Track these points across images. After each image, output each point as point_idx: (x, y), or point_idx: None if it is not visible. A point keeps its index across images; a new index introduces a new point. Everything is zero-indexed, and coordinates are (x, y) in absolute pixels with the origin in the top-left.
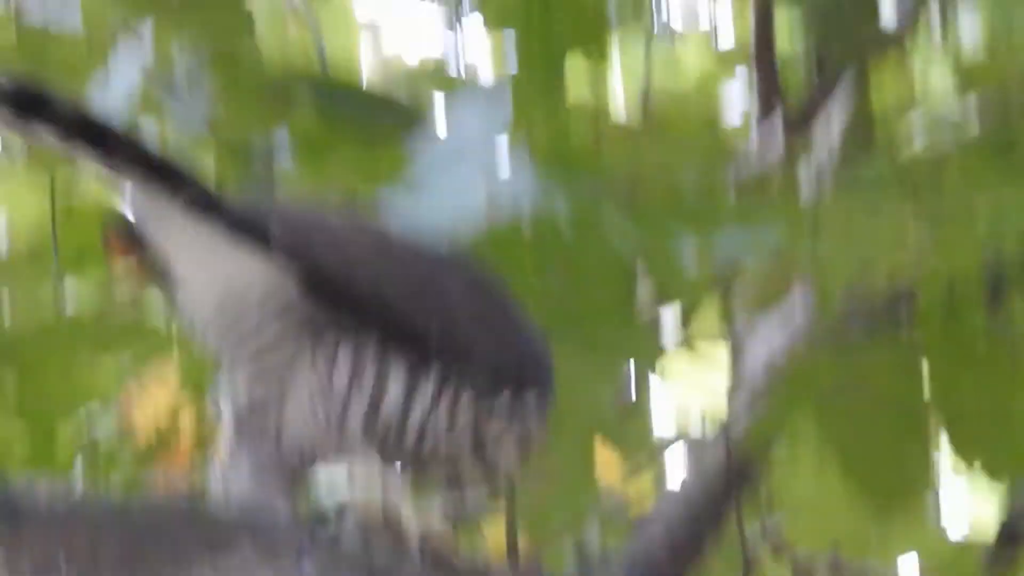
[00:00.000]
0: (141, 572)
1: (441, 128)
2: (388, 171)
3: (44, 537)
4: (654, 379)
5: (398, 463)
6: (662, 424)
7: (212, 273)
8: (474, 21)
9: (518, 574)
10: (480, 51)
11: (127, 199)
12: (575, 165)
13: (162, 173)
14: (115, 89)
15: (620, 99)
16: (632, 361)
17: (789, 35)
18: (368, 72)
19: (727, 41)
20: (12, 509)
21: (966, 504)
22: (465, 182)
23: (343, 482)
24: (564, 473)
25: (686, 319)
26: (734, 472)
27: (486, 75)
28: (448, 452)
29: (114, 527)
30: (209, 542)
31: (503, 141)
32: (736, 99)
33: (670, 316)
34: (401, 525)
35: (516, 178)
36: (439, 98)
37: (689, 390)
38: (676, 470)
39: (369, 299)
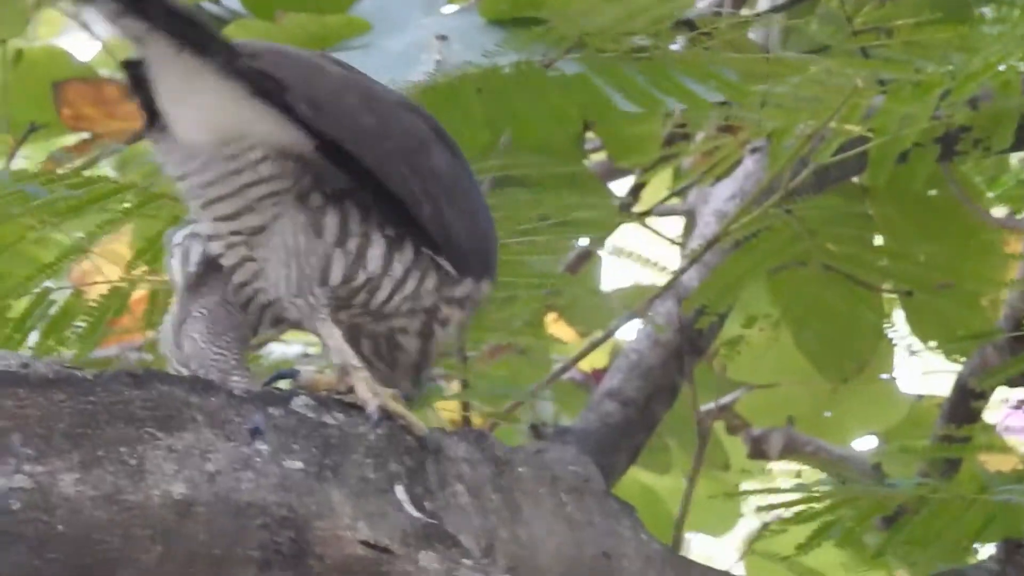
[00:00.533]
0: (93, 447)
1: None
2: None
3: None
4: (606, 251)
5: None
6: (615, 298)
7: (219, 124)
8: None
9: (470, 441)
10: None
11: (144, 45)
12: (520, 13)
13: (190, 25)
14: None
15: None
16: (584, 232)
17: None
18: None
19: None
20: None
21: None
22: (412, 32)
23: (295, 358)
24: (516, 348)
25: (637, 189)
26: (687, 346)
27: None
28: (401, 325)
29: (67, 401)
30: (162, 421)
31: None
32: None
33: (622, 186)
34: (357, 399)
35: (462, 29)
36: None
37: (641, 263)
38: (630, 345)
39: (375, 171)
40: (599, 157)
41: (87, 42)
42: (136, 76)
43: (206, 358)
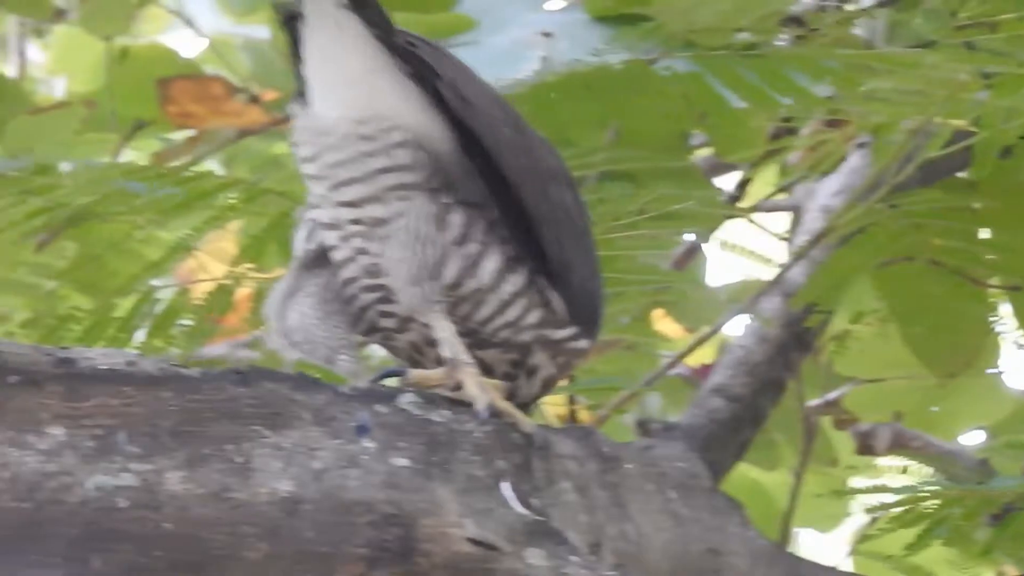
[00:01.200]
0: (200, 445)
1: None
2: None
3: (103, 406)
4: (713, 247)
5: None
6: (722, 293)
7: (361, 98)
8: None
9: (577, 438)
10: None
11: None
12: (626, 9)
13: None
14: None
15: None
16: (689, 226)
17: None
18: None
19: None
20: (72, 376)
21: None
22: (517, 29)
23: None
24: (623, 344)
25: (744, 184)
26: (794, 342)
27: None
28: (490, 359)
29: (173, 398)
30: (269, 418)
31: None
32: None
33: (728, 182)
34: (464, 396)
35: (567, 26)
36: None
37: (748, 258)
38: (737, 340)
39: (512, 180)
40: (705, 153)
41: (192, 39)
42: (294, 35)
43: (314, 334)
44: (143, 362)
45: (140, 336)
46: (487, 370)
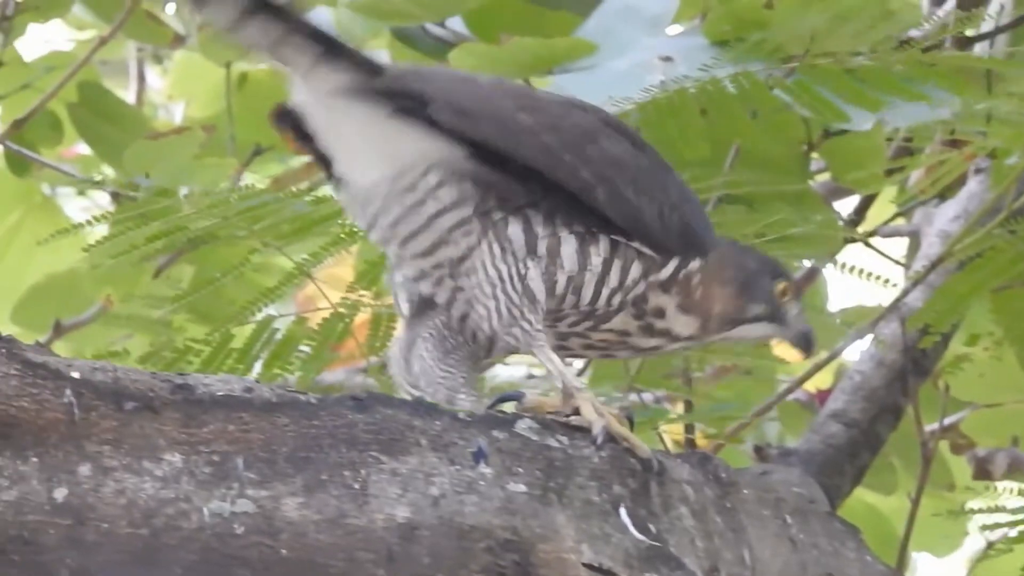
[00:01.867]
0: (317, 471)
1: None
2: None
3: (220, 433)
4: (831, 270)
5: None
6: (840, 318)
7: (381, 155)
8: None
9: (694, 463)
10: None
11: (298, 84)
12: (744, 25)
13: (333, 50)
14: None
15: None
16: (807, 250)
17: None
18: None
19: None
20: (189, 402)
21: None
22: (637, 53)
23: (520, 380)
24: (741, 369)
25: (863, 208)
26: (912, 367)
27: None
28: (620, 326)
29: (290, 424)
30: (386, 444)
31: (673, 4)
32: None
33: (847, 206)
34: (582, 421)
35: (686, 50)
36: None
37: (866, 282)
38: (855, 366)
39: (535, 164)
40: (824, 177)
41: None
42: (300, 129)
43: (434, 377)
44: (260, 388)
45: (259, 367)
46: (623, 333)
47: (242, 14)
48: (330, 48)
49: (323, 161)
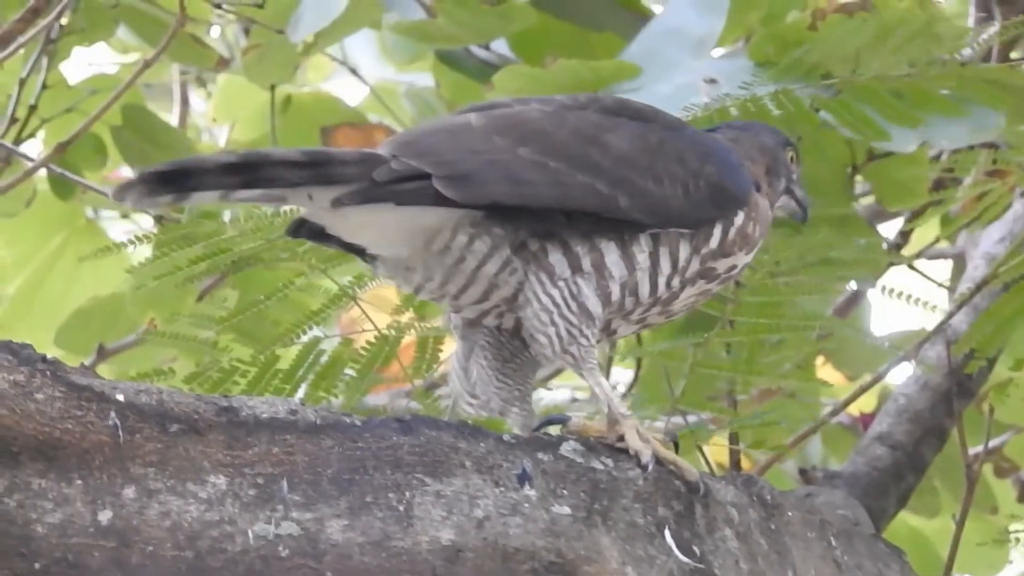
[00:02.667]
0: (362, 493)
1: (657, 13)
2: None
3: (264, 455)
4: (876, 294)
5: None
6: (884, 341)
7: (405, 235)
8: None
9: (739, 486)
10: None
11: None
12: (788, 46)
13: (317, 175)
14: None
15: None
16: (851, 272)
17: None
18: None
19: None
20: (234, 424)
21: None
22: (681, 75)
23: (565, 404)
24: (784, 391)
25: (907, 232)
26: (956, 390)
27: None
28: (687, 303)
29: (335, 446)
30: (430, 466)
31: (718, 26)
32: None
33: (891, 229)
34: (627, 446)
35: (731, 73)
36: None
37: (911, 305)
38: (899, 388)
39: (550, 203)
40: (868, 200)
41: (355, 87)
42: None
43: (490, 386)
44: (305, 410)
45: (304, 388)
46: (703, 294)
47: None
48: (314, 173)
49: (353, 250)
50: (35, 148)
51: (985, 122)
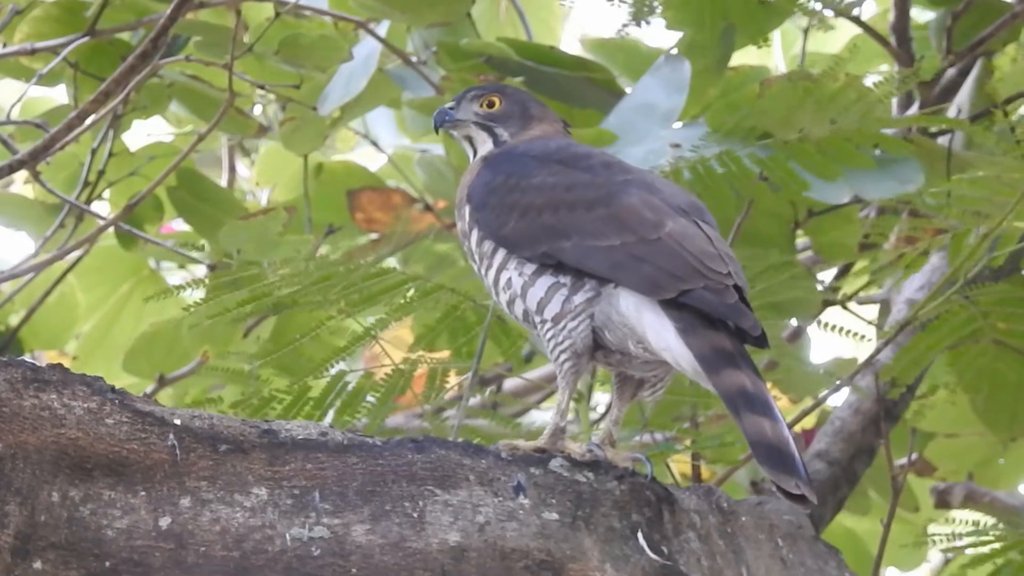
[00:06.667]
0: (382, 502)
1: (630, 91)
2: (586, 128)
3: (300, 470)
4: (814, 330)
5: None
6: (823, 370)
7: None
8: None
9: (700, 495)
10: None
11: None
12: (743, 123)
13: None
14: (355, 72)
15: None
16: (794, 312)
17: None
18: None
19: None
20: (274, 444)
21: None
22: (651, 142)
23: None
24: None
25: (841, 276)
26: (884, 413)
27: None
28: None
29: (359, 463)
30: (440, 480)
31: (680, 101)
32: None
33: (826, 276)
34: (605, 458)
35: (691, 138)
36: (627, 66)
37: (843, 341)
38: (836, 412)
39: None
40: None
41: (375, 155)
42: None
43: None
44: (334, 433)
45: (332, 414)
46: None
47: None
48: None
49: None
50: (103, 208)
51: (908, 178)
